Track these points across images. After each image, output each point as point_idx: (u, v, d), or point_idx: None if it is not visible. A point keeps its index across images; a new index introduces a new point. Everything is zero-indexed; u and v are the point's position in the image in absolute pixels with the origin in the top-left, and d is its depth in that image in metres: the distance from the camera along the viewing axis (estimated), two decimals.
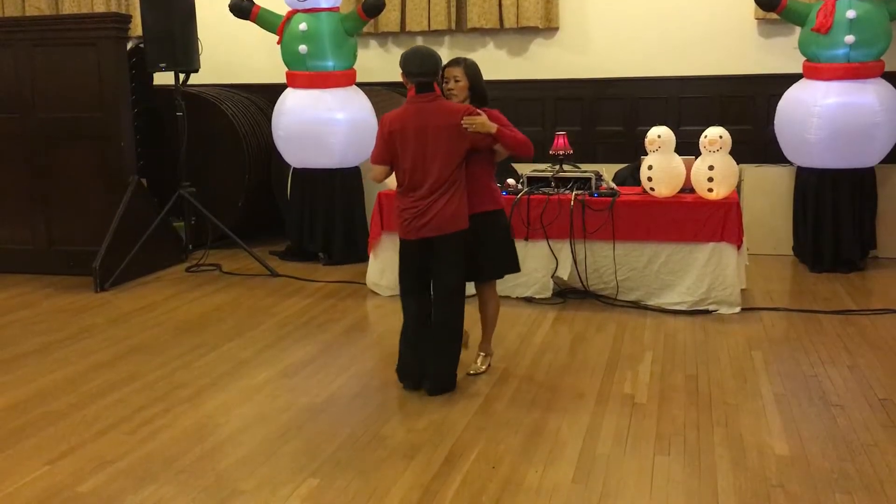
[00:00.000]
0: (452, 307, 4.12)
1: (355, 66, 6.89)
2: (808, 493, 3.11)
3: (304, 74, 6.70)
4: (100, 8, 8.37)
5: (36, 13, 8.41)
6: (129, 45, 6.80)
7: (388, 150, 4.05)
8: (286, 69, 6.79)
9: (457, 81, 4.14)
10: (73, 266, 6.42)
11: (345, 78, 6.78)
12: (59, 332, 5.22)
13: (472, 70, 4.18)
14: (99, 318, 5.50)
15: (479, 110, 4.03)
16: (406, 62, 4.04)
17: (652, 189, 5.38)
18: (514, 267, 4.38)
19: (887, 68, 6.11)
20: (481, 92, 4.20)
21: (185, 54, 6.64)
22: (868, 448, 3.45)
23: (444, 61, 4.17)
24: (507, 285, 5.36)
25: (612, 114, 7.48)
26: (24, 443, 3.69)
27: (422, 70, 4.01)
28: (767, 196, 6.70)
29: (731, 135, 5.32)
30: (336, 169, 6.76)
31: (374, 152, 4.15)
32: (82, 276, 6.26)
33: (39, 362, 4.71)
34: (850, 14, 5.85)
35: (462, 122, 3.96)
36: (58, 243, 6.58)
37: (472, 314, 4.36)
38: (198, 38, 6.75)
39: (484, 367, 4.39)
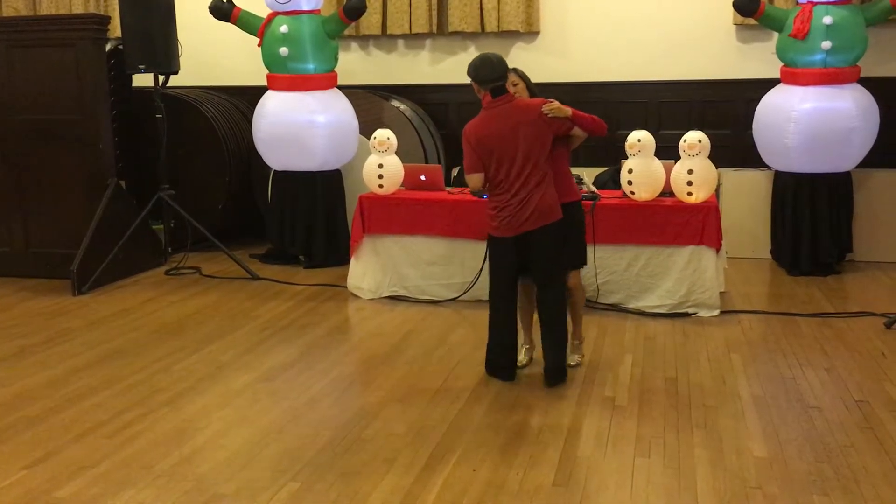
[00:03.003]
0: (557, 292, 4.29)
1: (336, 69, 6.88)
2: (786, 495, 3.14)
3: (284, 77, 6.67)
4: (78, 9, 8.31)
5: (13, 13, 8.34)
6: (108, 47, 6.75)
7: (480, 158, 4.19)
8: (267, 71, 6.77)
9: (515, 86, 4.35)
10: (50, 269, 6.37)
11: (326, 80, 6.76)
12: (36, 336, 5.18)
13: (522, 74, 4.45)
14: (77, 322, 5.46)
15: (551, 100, 4.23)
16: (477, 71, 4.18)
17: (632, 193, 5.41)
18: (585, 259, 4.56)
19: (863, 73, 6.18)
20: (534, 91, 4.44)
21: (164, 56, 6.60)
22: (845, 449, 3.49)
23: (426, 65, 4.22)
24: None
25: None
26: (0, 447, 3.66)
27: (494, 75, 4.17)
28: (746, 200, 6.75)
29: (710, 139, 5.36)
30: (317, 172, 6.75)
31: (466, 164, 4.28)
32: (60, 279, 6.21)
33: (16, 366, 4.66)
34: (827, 20, 5.91)
35: (543, 109, 4.13)
36: (35, 246, 6.51)
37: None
38: (177, 40, 6.72)
39: (578, 357, 4.53)
